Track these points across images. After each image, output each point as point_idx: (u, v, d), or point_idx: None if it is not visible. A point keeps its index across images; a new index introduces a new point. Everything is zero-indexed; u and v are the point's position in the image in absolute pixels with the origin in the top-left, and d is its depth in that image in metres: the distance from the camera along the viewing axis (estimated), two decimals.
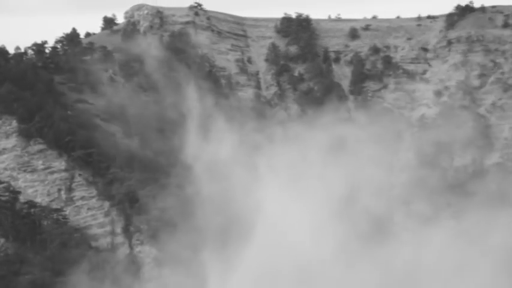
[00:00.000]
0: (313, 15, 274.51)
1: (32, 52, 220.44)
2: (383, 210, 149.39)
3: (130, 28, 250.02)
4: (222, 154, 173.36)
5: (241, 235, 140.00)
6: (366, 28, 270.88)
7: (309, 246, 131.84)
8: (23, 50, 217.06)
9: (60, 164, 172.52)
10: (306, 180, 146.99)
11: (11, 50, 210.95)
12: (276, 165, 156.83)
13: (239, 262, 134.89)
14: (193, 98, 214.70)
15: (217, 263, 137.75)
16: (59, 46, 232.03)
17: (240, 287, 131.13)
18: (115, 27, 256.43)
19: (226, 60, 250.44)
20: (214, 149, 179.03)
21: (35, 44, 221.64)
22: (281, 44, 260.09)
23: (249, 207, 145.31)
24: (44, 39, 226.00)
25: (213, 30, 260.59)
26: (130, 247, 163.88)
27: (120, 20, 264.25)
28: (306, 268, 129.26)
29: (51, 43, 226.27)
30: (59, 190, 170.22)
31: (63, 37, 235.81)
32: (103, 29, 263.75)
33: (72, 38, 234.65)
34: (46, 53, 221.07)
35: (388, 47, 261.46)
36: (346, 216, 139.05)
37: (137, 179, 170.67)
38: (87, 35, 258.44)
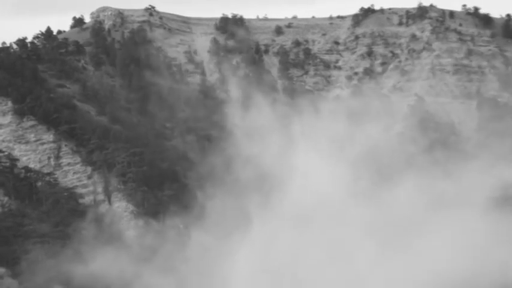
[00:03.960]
0: (246, 16, 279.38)
1: (16, 46, 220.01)
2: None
3: (97, 26, 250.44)
4: (258, 122, 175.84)
5: (276, 187, 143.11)
6: (289, 26, 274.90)
7: (331, 191, 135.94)
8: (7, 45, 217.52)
9: (49, 136, 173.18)
10: (328, 143, 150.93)
11: None
12: (303, 131, 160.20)
13: (278, 207, 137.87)
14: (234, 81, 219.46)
15: (259, 208, 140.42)
16: (36, 41, 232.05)
17: (279, 226, 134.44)
18: (84, 26, 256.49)
19: (176, 52, 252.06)
20: (252, 118, 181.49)
21: (19, 40, 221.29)
22: (220, 39, 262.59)
23: (283, 165, 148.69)
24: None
25: (164, 28, 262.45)
26: (109, 203, 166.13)
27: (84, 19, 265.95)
28: (329, 208, 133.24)
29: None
30: (49, 158, 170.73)
31: (39, 34, 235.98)
32: (72, 27, 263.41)
33: (49, 34, 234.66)
34: (28, 47, 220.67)
35: (307, 41, 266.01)
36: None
37: (113, 148, 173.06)
38: (59, 32, 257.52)
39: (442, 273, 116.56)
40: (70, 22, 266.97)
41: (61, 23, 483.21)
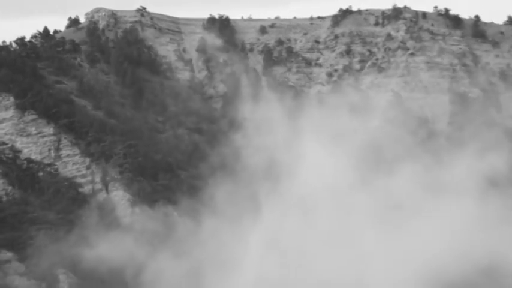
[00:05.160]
0: (232, 16, 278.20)
1: (16, 45, 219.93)
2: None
3: (92, 26, 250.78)
4: (267, 116, 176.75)
5: (284, 175, 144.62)
6: (272, 26, 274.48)
7: (333, 179, 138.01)
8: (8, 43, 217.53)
9: (49, 129, 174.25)
10: (332, 136, 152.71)
11: None
12: (310, 124, 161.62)
13: (286, 193, 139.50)
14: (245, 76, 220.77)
15: (268, 195, 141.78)
16: (33, 40, 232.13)
17: (287, 211, 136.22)
18: (79, 26, 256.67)
19: (166, 50, 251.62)
20: (261, 112, 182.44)
21: (18, 39, 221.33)
22: (208, 38, 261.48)
23: (290, 155, 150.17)
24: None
25: (155, 28, 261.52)
26: (107, 192, 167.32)
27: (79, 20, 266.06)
28: (332, 194, 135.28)
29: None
30: (49, 150, 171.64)
31: (37, 34, 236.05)
32: (67, 27, 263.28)
33: (46, 34, 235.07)
34: (27, 46, 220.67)
35: (289, 40, 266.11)
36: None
37: (110, 141, 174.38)
38: (55, 32, 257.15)
39: (439, 254, 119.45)
40: (65, 23, 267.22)
41: (56, 24, 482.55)
